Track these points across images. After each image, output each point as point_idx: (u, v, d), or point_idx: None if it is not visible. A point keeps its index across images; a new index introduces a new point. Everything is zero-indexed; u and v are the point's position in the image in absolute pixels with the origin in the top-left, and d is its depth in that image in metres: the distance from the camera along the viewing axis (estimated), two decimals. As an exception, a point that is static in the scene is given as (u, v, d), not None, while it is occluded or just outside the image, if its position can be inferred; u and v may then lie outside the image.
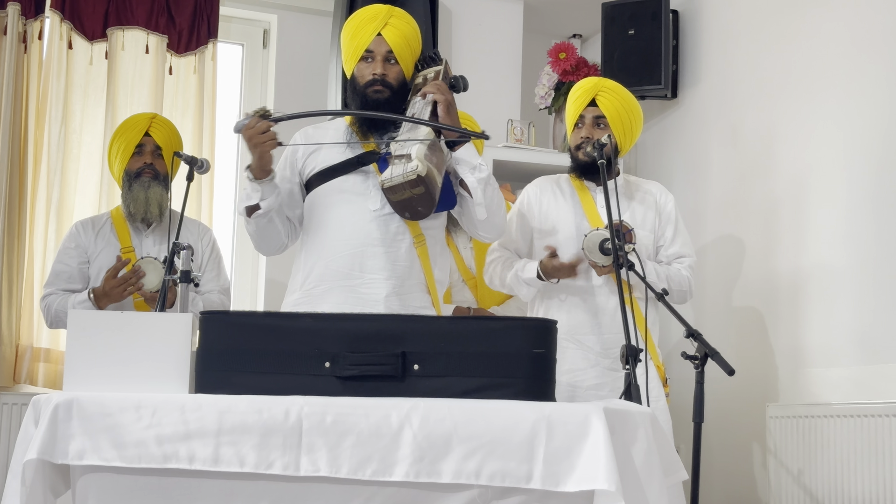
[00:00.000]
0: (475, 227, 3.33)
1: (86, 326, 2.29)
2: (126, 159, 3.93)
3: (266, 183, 3.16)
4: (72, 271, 3.93)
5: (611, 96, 3.61)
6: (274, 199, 3.19)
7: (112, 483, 2.14)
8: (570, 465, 2.12)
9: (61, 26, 4.69)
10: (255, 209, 3.19)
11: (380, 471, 2.12)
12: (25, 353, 4.52)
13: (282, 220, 3.29)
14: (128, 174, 3.93)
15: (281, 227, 3.29)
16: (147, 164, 3.91)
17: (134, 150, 3.93)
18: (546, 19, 5.74)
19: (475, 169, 3.18)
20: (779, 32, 4.47)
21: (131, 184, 3.91)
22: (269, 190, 3.17)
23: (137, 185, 3.89)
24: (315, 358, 2.29)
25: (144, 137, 3.94)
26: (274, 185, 3.19)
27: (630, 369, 2.87)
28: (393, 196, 3.08)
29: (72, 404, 2.13)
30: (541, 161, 4.96)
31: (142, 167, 3.91)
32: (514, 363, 2.28)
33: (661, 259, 3.69)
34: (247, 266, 5.14)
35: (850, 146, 4.00)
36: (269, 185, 3.17)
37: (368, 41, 3.25)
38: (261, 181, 3.15)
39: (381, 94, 3.26)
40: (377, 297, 3.20)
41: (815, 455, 3.90)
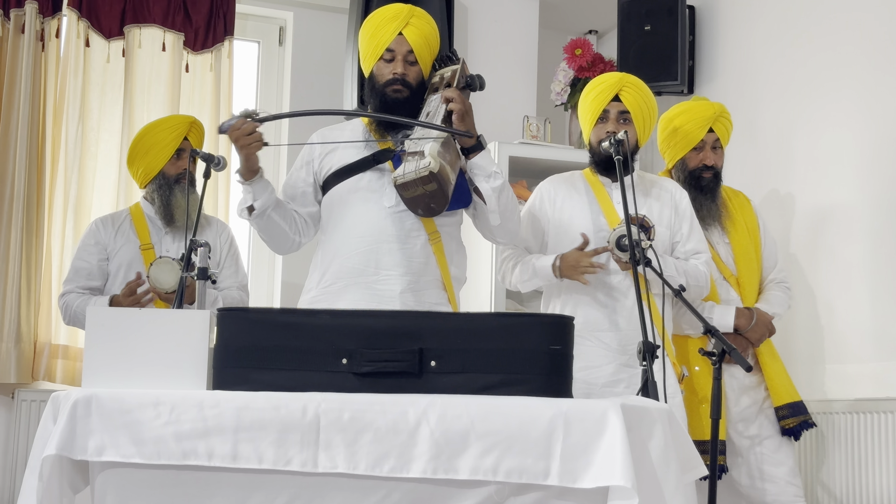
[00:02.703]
0: (489, 231, 3.34)
1: (104, 323, 2.30)
2: (163, 160, 3.91)
3: (256, 183, 3.19)
4: (91, 268, 3.94)
5: (634, 92, 3.61)
6: (267, 197, 3.21)
7: (131, 479, 2.15)
8: (587, 462, 2.12)
9: (78, 24, 4.70)
10: (250, 210, 3.22)
11: (397, 467, 2.12)
12: (44, 349, 4.54)
13: (284, 218, 3.30)
14: (165, 177, 3.92)
15: (285, 224, 3.30)
16: (186, 170, 3.92)
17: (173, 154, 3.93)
18: (562, 15, 5.73)
19: (490, 177, 3.19)
20: (796, 27, 4.45)
21: (172, 188, 3.91)
22: (260, 189, 3.20)
23: (179, 190, 3.90)
24: (332, 354, 2.29)
25: (183, 142, 3.94)
26: (265, 183, 3.22)
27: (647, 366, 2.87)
28: (405, 193, 3.08)
29: (91, 401, 2.14)
30: (557, 157, 4.95)
31: (181, 173, 3.91)
32: (532, 360, 2.28)
33: (678, 255, 3.68)
34: (263, 268, 5.15)
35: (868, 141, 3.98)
36: (259, 184, 3.20)
37: (389, 40, 3.25)
38: (250, 182, 3.18)
39: (401, 94, 3.26)
40: (392, 294, 3.20)
41: (832, 450, 3.89)
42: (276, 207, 3.26)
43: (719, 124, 3.85)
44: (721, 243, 3.87)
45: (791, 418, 3.73)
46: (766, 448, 3.75)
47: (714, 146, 3.86)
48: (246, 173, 3.18)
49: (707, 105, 3.90)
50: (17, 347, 4.45)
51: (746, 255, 3.86)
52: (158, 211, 3.94)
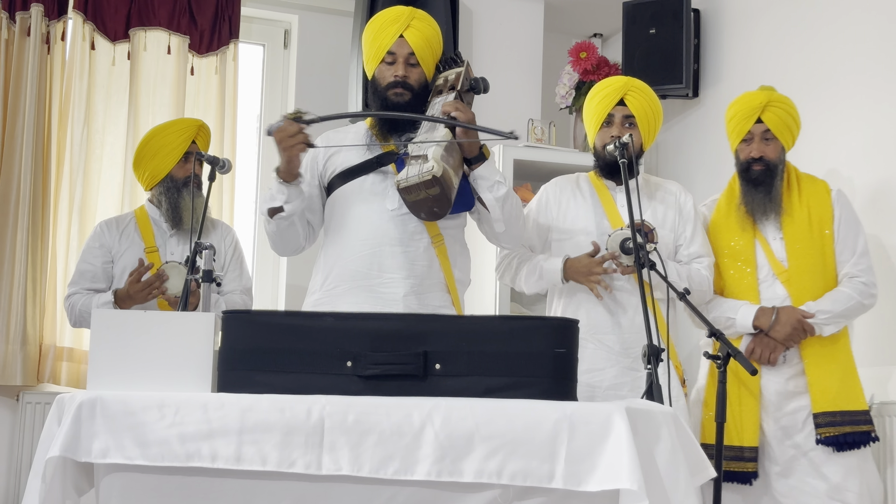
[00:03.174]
0: (493, 236, 3.35)
1: (109, 326, 2.30)
2: (171, 163, 3.92)
3: (293, 186, 3.17)
4: (96, 271, 3.95)
5: (640, 96, 3.61)
6: (298, 202, 3.20)
7: (136, 482, 2.15)
8: (592, 465, 2.12)
9: (84, 27, 4.71)
10: (278, 211, 3.20)
11: (401, 470, 2.12)
12: (49, 352, 4.55)
13: (302, 224, 3.30)
14: (173, 180, 3.93)
15: (301, 229, 3.30)
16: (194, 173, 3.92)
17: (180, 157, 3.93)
18: (567, 18, 5.73)
19: (493, 187, 3.19)
20: (801, 31, 4.45)
21: (180, 191, 3.91)
22: (294, 193, 3.18)
23: (187, 193, 3.90)
24: (337, 357, 2.29)
25: (191, 145, 3.94)
26: (300, 189, 3.20)
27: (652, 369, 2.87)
28: (408, 196, 3.08)
29: (95, 403, 2.14)
30: (561, 161, 4.95)
31: (189, 177, 3.91)
32: (536, 362, 2.28)
33: (681, 258, 3.68)
34: (267, 270, 5.16)
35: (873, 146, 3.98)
36: (295, 188, 3.18)
37: (390, 43, 3.26)
38: (288, 184, 3.16)
39: (402, 97, 3.26)
40: (395, 297, 3.20)
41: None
42: (301, 213, 3.26)
43: (769, 113, 3.61)
44: (775, 238, 3.65)
45: (830, 427, 3.46)
46: (811, 459, 3.51)
47: (765, 137, 3.63)
48: (287, 175, 3.16)
49: (754, 94, 3.69)
50: (23, 349, 4.46)
51: (802, 251, 3.60)
52: (166, 214, 3.94)
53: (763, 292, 3.62)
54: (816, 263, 3.60)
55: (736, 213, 3.68)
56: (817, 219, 3.62)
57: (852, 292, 3.57)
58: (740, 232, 3.66)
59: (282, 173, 3.15)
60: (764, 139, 3.63)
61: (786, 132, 3.63)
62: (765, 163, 3.63)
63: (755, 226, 3.66)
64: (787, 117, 3.62)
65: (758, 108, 3.60)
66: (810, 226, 3.61)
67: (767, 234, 3.65)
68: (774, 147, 3.64)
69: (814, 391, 3.49)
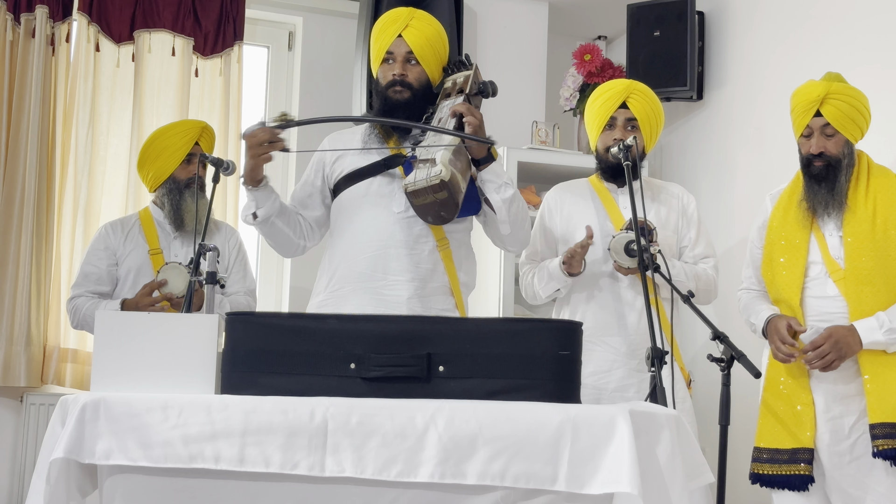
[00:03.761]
0: (499, 239, 3.36)
1: (113, 327, 2.30)
2: (173, 165, 3.92)
3: (259, 191, 3.19)
4: (101, 273, 3.95)
5: (642, 99, 3.61)
6: (270, 205, 3.23)
7: (139, 483, 2.15)
8: (594, 468, 2.12)
9: (89, 29, 4.72)
10: (254, 216, 3.25)
11: (405, 472, 2.12)
12: (53, 353, 4.55)
13: (288, 224, 3.32)
14: (175, 181, 3.93)
15: (289, 230, 3.33)
16: (197, 175, 3.92)
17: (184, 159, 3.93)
18: (571, 21, 5.73)
19: (500, 188, 3.20)
20: (806, 33, 4.44)
21: (182, 193, 3.91)
22: (263, 197, 3.21)
23: (189, 195, 3.90)
24: (340, 359, 2.29)
25: (194, 147, 3.95)
26: (268, 191, 3.23)
27: (655, 371, 2.87)
28: (416, 200, 3.09)
29: (99, 404, 2.14)
30: (565, 163, 4.95)
31: (192, 178, 3.92)
32: (540, 365, 2.28)
33: (686, 260, 3.69)
34: (271, 272, 5.16)
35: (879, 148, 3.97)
36: (262, 192, 3.21)
37: (389, 43, 3.29)
38: (253, 190, 3.19)
39: (401, 95, 3.28)
40: (399, 299, 3.21)
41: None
42: (280, 214, 3.28)
43: (829, 106, 3.35)
44: (833, 235, 3.39)
45: (890, 440, 3.17)
46: (854, 469, 3.28)
47: (825, 132, 3.38)
48: (250, 181, 3.19)
49: (813, 86, 3.43)
50: (27, 351, 4.46)
51: (861, 250, 3.31)
52: (168, 215, 3.94)
53: (812, 290, 3.39)
54: (878, 266, 3.30)
55: (797, 208, 3.45)
56: (882, 216, 3.34)
57: None
58: (798, 227, 3.44)
59: (245, 179, 3.18)
60: (825, 134, 3.39)
61: (849, 125, 3.38)
62: (825, 158, 3.39)
63: (815, 221, 3.43)
64: (849, 109, 3.36)
65: (816, 101, 3.37)
66: (874, 224, 3.33)
67: (826, 231, 3.41)
68: (837, 141, 3.39)
69: (871, 400, 3.23)
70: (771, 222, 3.53)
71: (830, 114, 3.36)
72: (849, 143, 3.42)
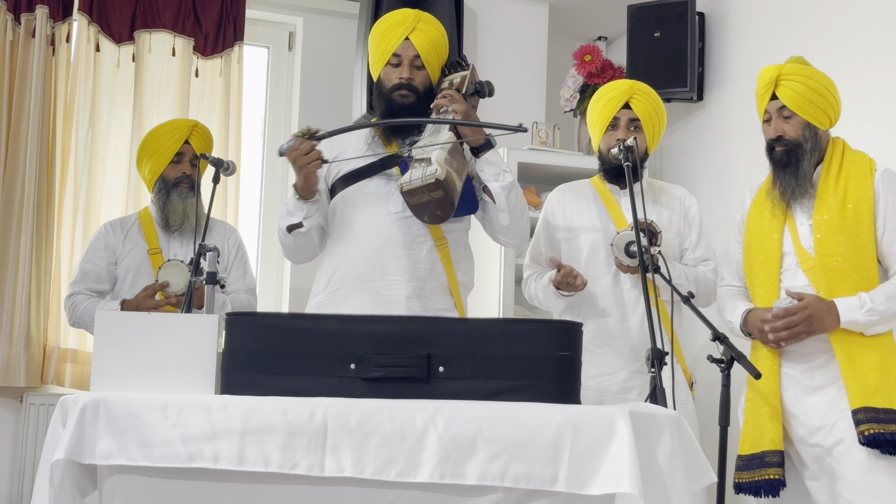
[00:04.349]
0: (498, 232, 3.35)
1: (113, 327, 2.30)
2: (164, 164, 3.93)
3: (311, 203, 3.19)
4: (100, 271, 3.95)
5: (645, 99, 3.60)
6: (317, 217, 3.23)
7: (139, 483, 2.15)
8: (594, 468, 2.12)
9: (89, 29, 4.72)
10: (297, 226, 3.22)
11: (405, 472, 2.12)
12: (53, 353, 4.55)
13: (318, 234, 3.32)
14: (164, 181, 3.94)
15: (318, 240, 3.33)
16: (185, 174, 3.92)
17: (173, 158, 3.94)
18: (571, 21, 5.73)
19: (499, 175, 3.19)
20: (806, 34, 4.44)
21: (169, 192, 3.92)
22: (312, 209, 3.21)
23: (176, 194, 3.90)
24: (340, 359, 2.29)
25: (184, 145, 3.95)
26: (320, 204, 3.23)
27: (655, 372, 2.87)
28: (412, 199, 3.09)
29: (99, 405, 2.14)
30: (566, 164, 4.95)
31: (181, 177, 3.92)
32: (540, 365, 2.28)
33: (687, 262, 3.68)
34: (271, 273, 5.16)
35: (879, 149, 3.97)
36: (313, 204, 3.20)
37: (396, 45, 3.26)
38: (306, 201, 3.17)
39: (407, 99, 3.27)
40: (398, 299, 3.21)
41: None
42: (317, 226, 3.28)
43: (783, 88, 3.25)
44: (803, 224, 3.27)
45: (870, 424, 3.02)
46: (836, 459, 3.12)
47: (783, 114, 3.27)
48: (306, 193, 3.18)
49: (767, 69, 3.35)
50: (27, 351, 4.46)
51: (830, 238, 3.19)
52: (156, 215, 3.96)
53: (784, 280, 3.29)
54: (848, 253, 3.18)
55: (768, 198, 3.35)
56: (854, 202, 3.21)
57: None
58: (771, 218, 3.34)
59: (300, 190, 3.17)
60: (782, 117, 3.28)
61: (807, 106, 3.24)
62: (785, 143, 3.28)
63: (788, 211, 3.31)
64: (805, 90, 3.23)
65: (770, 84, 3.28)
66: (843, 210, 3.20)
67: (797, 220, 3.29)
68: (795, 124, 3.27)
69: (850, 385, 3.08)
70: (748, 216, 3.45)
71: (785, 95, 3.25)
72: (810, 126, 3.28)
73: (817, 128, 3.29)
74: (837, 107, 3.31)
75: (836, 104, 3.30)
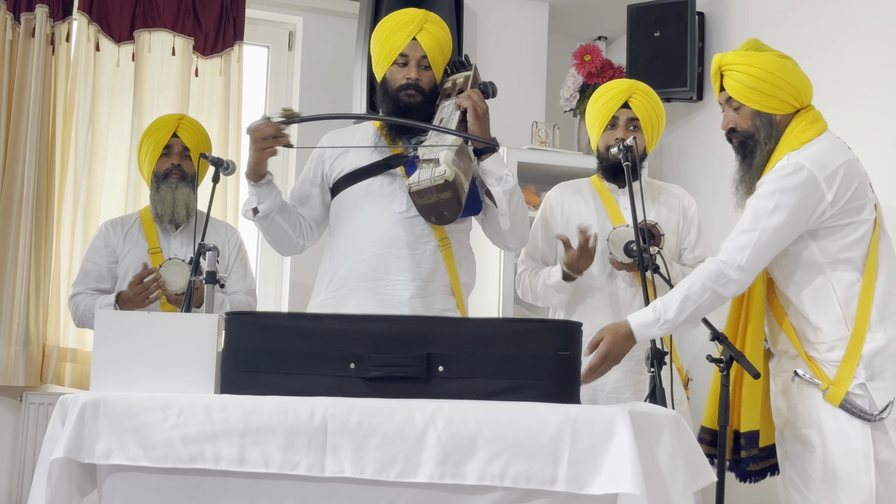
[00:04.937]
0: (499, 236, 3.35)
1: (113, 327, 2.30)
2: (154, 160, 3.96)
3: (261, 186, 3.19)
4: (101, 270, 3.95)
5: (644, 99, 3.60)
6: (271, 201, 3.23)
7: (138, 483, 2.15)
8: (594, 468, 2.12)
9: (89, 28, 4.72)
10: (255, 211, 3.24)
11: (404, 472, 2.12)
12: (52, 353, 4.55)
13: (288, 221, 3.32)
14: (156, 175, 3.95)
15: (289, 227, 3.32)
16: (175, 165, 3.94)
17: (162, 152, 3.95)
18: (571, 21, 5.73)
19: (501, 179, 3.20)
20: (806, 34, 4.44)
21: (159, 185, 3.94)
22: (265, 193, 3.21)
23: (165, 186, 3.92)
24: (340, 359, 2.29)
25: (172, 139, 3.96)
26: (271, 188, 3.23)
27: (655, 372, 2.87)
28: (420, 200, 3.09)
29: (98, 404, 2.14)
30: (565, 163, 4.95)
31: (169, 168, 3.94)
32: (540, 365, 2.28)
33: (685, 262, 3.68)
34: (271, 269, 5.16)
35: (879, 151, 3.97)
36: (265, 188, 3.20)
37: (403, 45, 3.26)
38: (256, 185, 3.18)
39: (414, 99, 3.26)
40: (401, 299, 3.21)
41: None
42: (280, 211, 3.27)
43: (727, 78, 3.12)
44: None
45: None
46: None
47: (731, 105, 3.13)
48: (253, 176, 3.19)
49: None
50: (26, 350, 4.46)
51: None
52: (152, 210, 3.97)
53: None
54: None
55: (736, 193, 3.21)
56: None
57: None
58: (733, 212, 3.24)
59: (248, 174, 3.18)
60: (731, 108, 3.13)
61: (753, 95, 3.06)
62: (737, 134, 3.12)
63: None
64: (747, 79, 3.06)
65: (715, 76, 3.16)
66: None
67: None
68: (743, 114, 3.09)
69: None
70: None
71: (729, 86, 3.11)
72: (762, 114, 3.09)
73: (771, 115, 3.09)
74: (795, 88, 3.08)
75: (789, 87, 3.07)
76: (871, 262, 2.94)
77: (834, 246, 2.95)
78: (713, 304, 2.95)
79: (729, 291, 2.94)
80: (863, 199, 2.96)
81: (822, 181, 2.91)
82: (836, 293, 2.95)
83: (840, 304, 2.94)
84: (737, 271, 2.91)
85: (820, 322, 2.96)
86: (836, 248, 2.95)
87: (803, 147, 2.99)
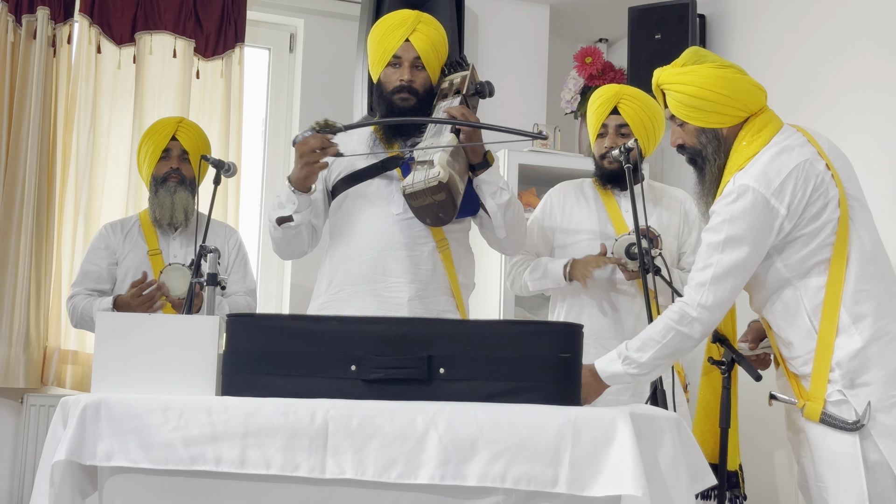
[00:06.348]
0: (495, 242, 3.36)
1: (114, 328, 2.30)
2: (153, 163, 3.96)
3: (304, 196, 3.17)
4: (101, 272, 3.96)
5: (632, 103, 3.58)
6: (307, 213, 3.21)
7: (139, 485, 2.15)
8: (596, 470, 2.12)
9: (90, 31, 4.72)
10: (286, 219, 3.20)
11: (405, 473, 2.12)
12: (53, 354, 4.55)
13: (308, 231, 3.31)
14: (154, 178, 3.95)
15: (307, 237, 3.32)
16: (173, 168, 3.93)
17: (160, 155, 3.95)
18: (572, 23, 5.74)
19: (496, 193, 3.19)
20: (806, 37, 4.45)
21: (157, 188, 3.94)
22: (304, 203, 3.19)
23: (164, 190, 3.92)
24: (341, 361, 2.29)
25: (171, 142, 3.96)
26: (310, 199, 3.20)
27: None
28: (414, 202, 3.08)
29: (100, 406, 2.14)
30: (566, 165, 4.95)
31: (168, 172, 3.93)
32: (541, 367, 2.28)
33: (684, 266, 3.68)
34: (272, 271, 5.16)
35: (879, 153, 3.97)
36: (306, 198, 3.18)
37: (396, 47, 3.25)
38: (300, 194, 3.16)
39: (408, 102, 3.26)
40: (400, 301, 3.20)
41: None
42: (307, 222, 3.27)
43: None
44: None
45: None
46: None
47: (675, 122, 3.01)
48: (301, 187, 3.15)
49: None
50: (27, 352, 4.46)
51: None
52: (150, 214, 3.97)
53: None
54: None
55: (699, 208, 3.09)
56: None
57: None
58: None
59: (295, 183, 3.15)
60: (677, 124, 3.01)
61: (692, 112, 2.93)
62: (686, 151, 3.01)
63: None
64: (683, 97, 2.94)
65: (657, 92, 3.07)
66: None
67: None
68: (687, 131, 2.98)
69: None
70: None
71: (670, 104, 3.00)
72: (706, 130, 2.96)
73: (717, 129, 2.95)
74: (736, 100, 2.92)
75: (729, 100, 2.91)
76: (836, 263, 2.80)
77: (796, 257, 2.82)
78: (681, 344, 2.82)
79: (696, 331, 2.80)
80: (823, 199, 2.82)
81: (772, 197, 2.78)
82: (804, 303, 2.82)
83: (808, 314, 2.82)
84: (698, 309, 2.79)
85: (790, 336, 2.86)
86: (798, 258, 2.82)
87: (748, 165, 2.84)
